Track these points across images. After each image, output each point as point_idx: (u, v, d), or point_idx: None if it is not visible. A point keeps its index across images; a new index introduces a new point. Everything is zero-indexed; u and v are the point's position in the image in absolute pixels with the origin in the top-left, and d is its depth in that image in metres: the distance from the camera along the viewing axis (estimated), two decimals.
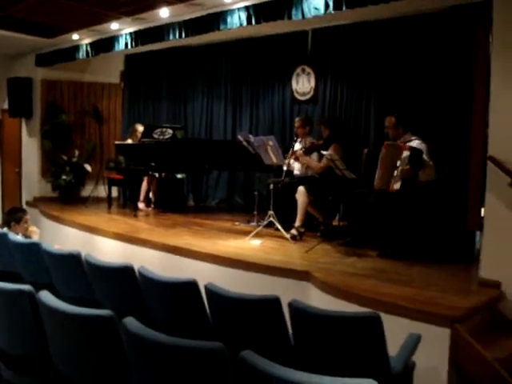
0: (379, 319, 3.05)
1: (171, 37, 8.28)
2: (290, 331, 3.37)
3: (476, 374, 4.12)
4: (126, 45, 9.13)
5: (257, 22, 7.04)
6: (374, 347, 3.07)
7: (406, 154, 6.10)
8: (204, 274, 5.58)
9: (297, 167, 7.79)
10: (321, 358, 3.18)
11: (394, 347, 3.31)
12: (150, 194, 9.85)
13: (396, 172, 6.13)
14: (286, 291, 4.59)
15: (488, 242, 5.22)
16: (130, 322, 2.50)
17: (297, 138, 7.80)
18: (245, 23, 7.15)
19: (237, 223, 8.18)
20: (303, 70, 8.98)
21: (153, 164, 8.96)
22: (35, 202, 11.01)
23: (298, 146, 7.76)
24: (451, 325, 4.11)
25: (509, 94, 5.02)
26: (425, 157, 6.15)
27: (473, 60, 6.53)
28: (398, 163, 6.13)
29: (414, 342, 3.41)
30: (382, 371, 3.04)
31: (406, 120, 6.57)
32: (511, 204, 4.98)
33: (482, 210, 5.58)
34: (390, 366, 3.11)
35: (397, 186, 6.10)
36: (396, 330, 3.48)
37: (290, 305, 3.18)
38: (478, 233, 6.39)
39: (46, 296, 2.95)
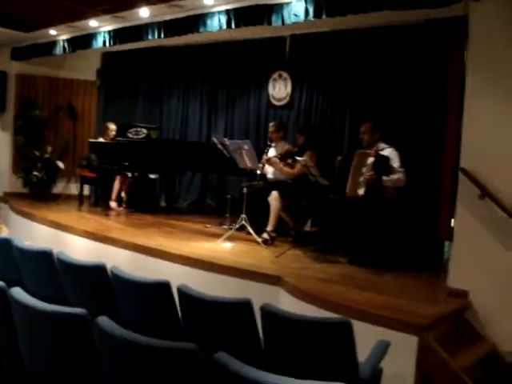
0: (350, 325, 3.09)
1: (150, 37, 8.27)
2: (261, 335, 3.39)
3: (441, 381, 4.19)
4: (104, 42, 9.09)
5: (236, 26, 7.08)
6: (344, 352, 3.11)
7: (371, 160, 6.21)
8: (174, 276, 5.55)
9: (270, 171, 7.82)
10: (290, 362, 3.21)
11: (362, 353, 3.35)
12: (122, 194, 9.79)
13: (361, 178, 6.24)
14: (257, 295, 4.58)
15: (457, 252, 5.32)
16: (104, 320, 2.50)
17: (271, 142, 7.85)
18: (224, 26, 7.19)
19: (208, 225, 8.19)
20: (280, 76, 9.02)
21: (126, 163, 8.92)
22: (5, 198, 10.88)
23: (272, 151, 7.80)
24: (419, 333, 4.18)
25: (482, 108, 5.13)
26: (394, 164, 6.25)
27: (448, 73, 6.62)
28: (364, 170, 6.24)
29: (382, 348, 3.46)
30: (351, 376, 3.09)
31: (381, 128, 6.66)
32: (481, 215, 5.09)
33: (452, 220, 5.67)
34: (358, 371, 3.15)
35: (361, 191, 6.20)
36: (364, 336, 3.52)
37: (262, 308, 3.21)
38: (447, 243, 6.49)
39: (18, 292, 2.93)
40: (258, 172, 7.38)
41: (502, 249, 5.01)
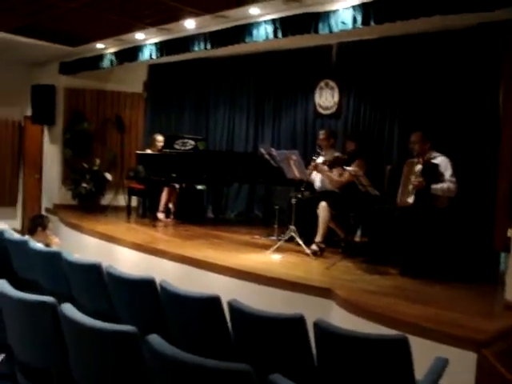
0: (407, 342, 2.97)
1: (196, 48, 8.29)
2: (314, 351, 3.29)
3: None
4: (151, 55, 9.15)
5: (283, 35, 7.03)
6: (401, 370, 2.99)
7: (419, 167, 6.10)
8: (222, 288, 5.54)
9: (318, 180, 7.70)
10: (345, 380, 3.10)
11: (417, 369, 3.23)
12: (170, 205, 9.82)
13: (410, 186, 6.12)
14: (307, 308, 4.51)
15: None
16: (154, 339, 2.44)
17: (320, 150, 7.75)
18: (271, 36, 7.13)
19: (256, 236, 8.13)
20: (327, 84, 8.93)
21: (173, 175, 8.94)
22: (55, 209, 11.04)
23: (321, 159, 7.70)
24: (478, 349, 4.02)
25: None
26: (446, 172, 6.11)
27: (501, 77, 6.45)
28: (412, 177, 6.12)
29: (441, 365, 3.31)
30: None
31: (432, 137, 6.51)
32: None
33: (509, 230, 5.49)
34: None
35: (411, 199, 6.09)
36: (419, 352, 3.39)
37: (316, 324, 3.11)
38: (503, 254, 6.29)
39: (68, 309, 2.90)
40: (305, 180, 7.29)
41: None
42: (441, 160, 6.24)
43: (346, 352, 3.04)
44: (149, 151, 9.81)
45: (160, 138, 9.85)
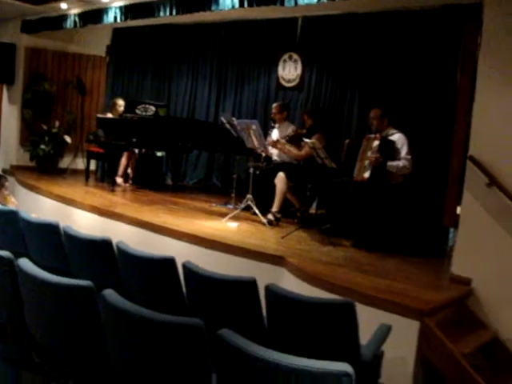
0: (353, 307, 3.11)
1: (161, 13, 8.21)
2: (265, 313, 3.41)
3: (442, 367, 4.23)
4: (115, 18, 9.02)
5: (249, 5, 7.01)
6: (347, 334, 3.13)
7: (376, 143, 6.22)
8: (178, 253, 5.58)
9: (275, 153, 7.81)
10: (293, 341, 3.23)
11: (363, 336, 3.37)
12: (129, 170, 9.81)
13: (367, 161, 6.24)
14: (260, 274, 4.60)
15: (462, 240, 5.32)
16: (109, 293, 2.52)
17: (274, 123, 7.84)
18: (237, 5, 7.11)
19: (214, 204, 8.21)
20: (290, 57, 8.98)
21: (133, 140, 8.92)
22: (12, 170, 10.90)
23: (275, 132, 7.80)
24: (421, 318, 4.20)
25: (493, 96, 5.10)
26: (401, 150, 6.25)
27: (459, 59, 6.58)
28: (369, 153, 6.25)
29: (384, 332, 3.48)
30: (352, 358, 3.09)
31: (390, 113, 6.64)
32: (487, 204, 5.09)
33: (459, 207, 5.67)
34: (360, 353, 3.17)
35: (366, 174, 6.21)
36: (366, 320, 3.54)
37: (267, 288, 3.23)
38: (451, 230, 6.50)
39: (25, 263, 2.95)
40: (264, 154, 7.38)
41: (507, 238, 5.00)
42: (398, 137, 6.37)
43: (295, 315, 3.17)
44: (109, 115, 9.73)
45: (121, 103, 9.78)
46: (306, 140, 6.87)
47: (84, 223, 7.42)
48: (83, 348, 2.80)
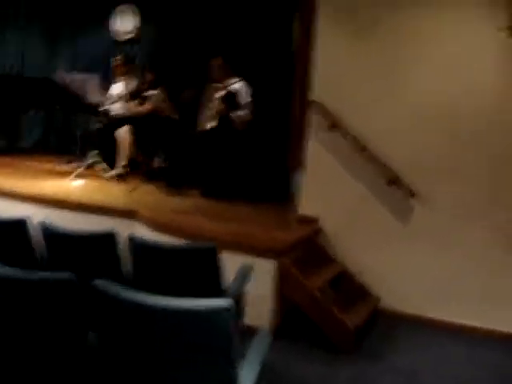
0: (215, 249, 3.24)
1: None
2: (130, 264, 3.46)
3: (299, 301, 4.51)
4: None
5: None
6: (210, 276, 3.26)
7: (219, 93, 6.33)
8: (26, 215, 5.44)
9: (115, 108, 7.69)
10: (158, 288, 3.30)
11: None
12: None
13: (211, 112, 6.36)
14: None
15: (307, 182, 5.60)
16: None
17: (115, 77, 7.71)
18: None
19: (56, 164, 7.96)
20: (126, 9, 8.81)
21: None
22: None
23: (120, 86, 7.69)
24: (277, 257, 4.45)
25: (331, 42, 5.35)
26: (242, 100, 6.41)
27: (297, 10, 6.78)
28: (212, 104, 6.37)
29: (246, 270, 3.64)
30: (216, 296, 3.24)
31: (231, 61, 6.74)
32: (330, 146, 5.40)
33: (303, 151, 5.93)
34: (223, 293, 3.32)
35: (211, 124, 6.33)
36: (227, 265, 3.68)
37: (131, 238, 3.28)
38: (297, 173, 6.77)
39: None
40: (103, 108, 7.26)
41: (348, 177, 5.36)
42: (240, 86, 6.50)
43: (160, 261, 3.25)
44: None
45: None
46: (149, 92, 6.84)
47: None
48: None
